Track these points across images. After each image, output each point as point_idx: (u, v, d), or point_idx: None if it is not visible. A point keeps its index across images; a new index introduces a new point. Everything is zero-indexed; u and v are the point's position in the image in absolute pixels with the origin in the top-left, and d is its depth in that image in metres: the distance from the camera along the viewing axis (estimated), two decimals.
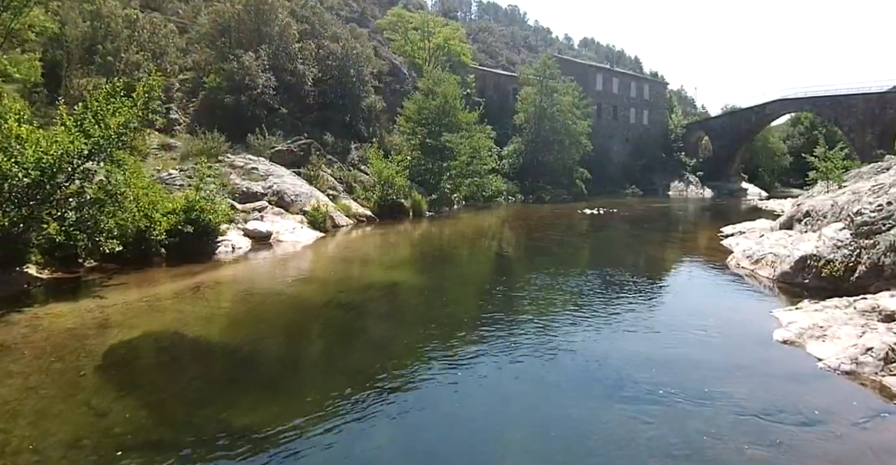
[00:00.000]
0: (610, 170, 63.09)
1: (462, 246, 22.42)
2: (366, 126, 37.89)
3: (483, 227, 29.25)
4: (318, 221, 22.38)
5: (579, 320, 10.72)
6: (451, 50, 52.32)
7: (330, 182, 27.89)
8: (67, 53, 27.11)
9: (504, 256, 20.78)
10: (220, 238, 18.34)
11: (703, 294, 13.64)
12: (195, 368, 8.61)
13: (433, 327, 10.39)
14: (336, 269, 16.13)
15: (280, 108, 32.25)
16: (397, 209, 29.22)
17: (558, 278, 14.95)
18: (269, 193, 23.61)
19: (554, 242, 23.63)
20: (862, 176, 30.39)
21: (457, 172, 35.42)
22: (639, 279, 15.22)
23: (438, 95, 35.59)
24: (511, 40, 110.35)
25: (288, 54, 34.06)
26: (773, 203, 45.24)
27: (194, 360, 8.96)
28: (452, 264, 18.06)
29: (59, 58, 26.92)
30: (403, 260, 18.35)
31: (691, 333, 9.87)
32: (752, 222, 25.07)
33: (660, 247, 22.81)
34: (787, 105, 64.95)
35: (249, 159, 26.63)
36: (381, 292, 13.36)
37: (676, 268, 18.05)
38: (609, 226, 29.61)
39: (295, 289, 13.33)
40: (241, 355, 9.01)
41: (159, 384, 7.90)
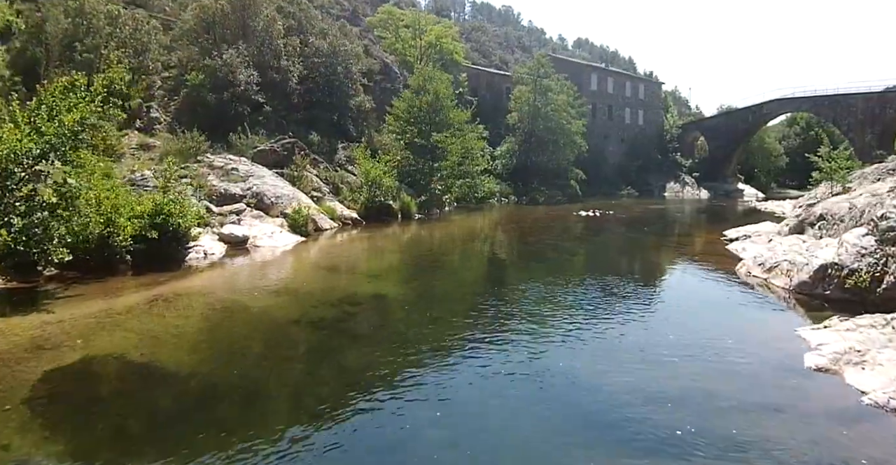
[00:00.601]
0: (605, 170, 62.02)
1: (451, 252, 21.09)
2: (354, 125, 36.63)
3: (474, 230, 28.02)
4: (299, 224, 21.09)
5: (580, 345, 9.45)
6: (443, 48, 51.06)
7: (314, 183, 26.63)
8: (47, 50, 26.12)
9: (496, 263, 19.44)
10: (191, 244, 17.12)
11: (715, 309, 12.30)
12: (135, 402, 7.34)
13: (414, 351, 9.05)
14: (313, 278, 14.82)
15: (264, 106, 30.97)
16: (385, 211, 27.97)
17: (554, 290, 13.73)
18: (249, 196, 22.34)
19: (549, 247, 22.30)
20: (867, 177, 29.38)
21: (448, 172, 34.19)
22: (643, 291, 14.02)
23: (429, 92, 34.29)
24: (505, 40, 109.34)
25: (273, 51, 32.77)
26: (771, 205, 44.19)
27: (136, 391, 7.69)
28: (440, 273, 16.63)
29: (40, 55, 25.86)
30: (387, 268, 17.01)
31: (709, 358, 8.62)
32: (755, 225, 23.93)
33: (661, 252, 21.60)
34: (784, 105, 63.92)
35: (230, 160, 25.39)
36: (359, 306, 12.02)
37: (682, 277, 16.73)
38: (606, 229, 28.41)
39: (264, 302, 12.02)
40: (190, 385, 7.76)
41: (93, 423, 6.69)
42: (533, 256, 20.21)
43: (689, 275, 16.74)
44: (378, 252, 20.46)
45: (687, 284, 15.53)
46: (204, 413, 7.00)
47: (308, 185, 25.67)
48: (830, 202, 16.96)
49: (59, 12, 26.59)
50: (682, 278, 16.54)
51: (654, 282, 15.69)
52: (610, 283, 14.58)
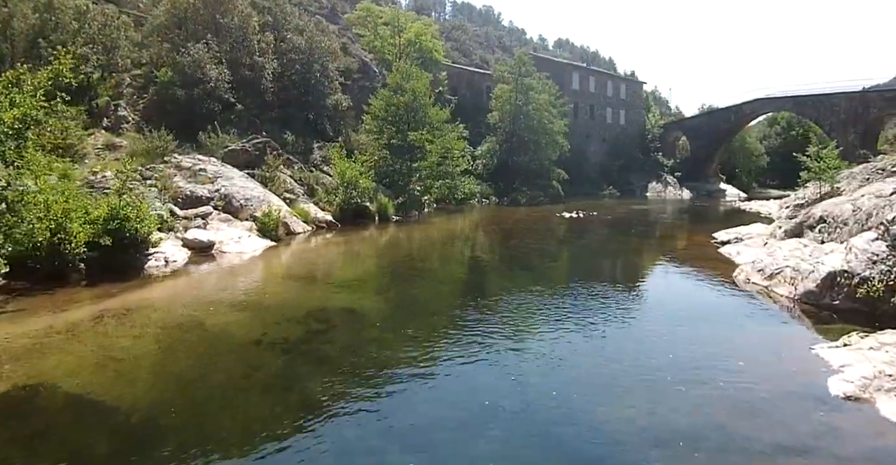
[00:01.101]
0: (587, 170, 61.24)
1: (429, 257, 19.89)
2: (331, 125, 35.48)
3: (454, 233, 26.88)
4: (269, 228, 19.90)
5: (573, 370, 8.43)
6: (422, 46, 49.97)
7: (288, 185, 25.45)
8: (12, 46, 25.08)
9: (477, 270, 18.15)
10: (152, 250, 15.97)
11: (717, 322, 11.20)
12: (60, 444, 6.24)
13: (387, 380, 7.94)
14: (279, 289, 13.60)
15: (236, 104, 29.74)
16: (361, 214, 26.86)
17: (540, 302, 12.63)
18: (216, 198, 21.15)
19: (533, 251, 21.24)
20: (855, 177, 28.73)
21: (427, 173, 33.11)
22: (637, 302, 13.02)
23: (407, 91, 33.16)
24: (485, 40, 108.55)
25: (246, 47, 31.52)
26: (755, 205, 43.59)
27: (64, 431, 6.58)
28: (417, 282, 15.35)
29: (6, 51, 24.84)
30: (360, 277, 15.76)
31: (719, 384, 7.61)
32: (746, 227, 23.13)
33: (652, 257, 20.58)
34: (766, 104, 63.43)
35: (198, 160, 24.18)
36: (328, 322, 10.85)
37: (677, 285, 15.54)
38: (591, 231, 27.46)
39: (223, 318, 10.82)
40: (130, 423, 6.65)
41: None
42: (516, 261, 19.05)
43: (685, 283, 15.63)
44: (352, 258, 19.24)
45: (683, 293, 14.40)
46: (142, 458, 5.91)
47: (281, 186, 24.51)
48: (830, 204, 16.10)
49: (28, 7, 25.54)
50: (678, 286, 15.38)
51: (647, 291, 14.61)
52: (600, 292, 13.58)
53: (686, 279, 15.96)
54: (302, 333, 10.00)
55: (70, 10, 26.41)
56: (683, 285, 15.20)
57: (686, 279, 15.96)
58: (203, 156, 24.89)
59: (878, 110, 52.87)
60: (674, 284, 15.63)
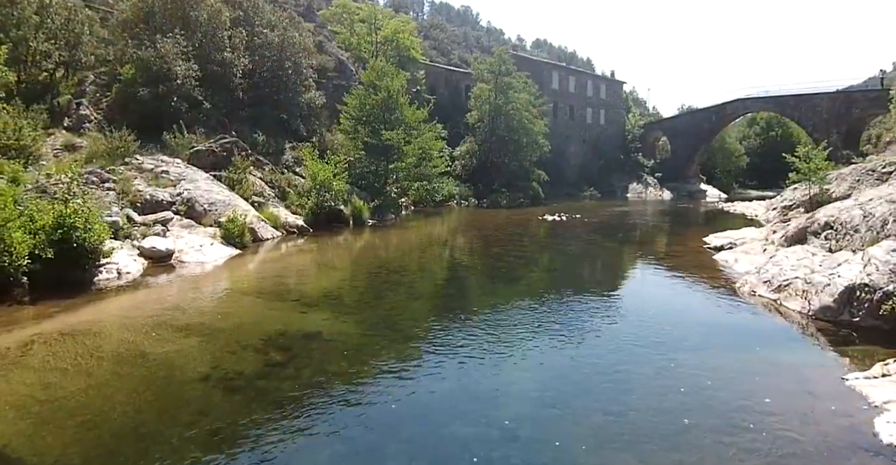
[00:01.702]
0: (567, 172, 60.36)
1: (405, 268, 18.21)
2: (305, 124, 34.09)
3: (431, 239, 25.41)
4: (234, 235, 18.50)
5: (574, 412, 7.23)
6: (399, 44, 48.57)
7: (257, 187, 24.07)
8: None
9: (458, 284, 16.39)
10: (104, 261, 14.60)
11: (729, 345, 9.96)
12: None
13: (352, 433, 6.65)
14: (237, 307, 12.17)
15: (204, 102, 28.26)
16: (335, 217, 25.56)
17: (529, 322, 11.30)
18: (178, 202, 19.77)
19: (516, 260, 19.80)
20: (845, 178, 27.94)
21: (404, 174, 31.88)
22: (635, 320, 11.60)
23: (382, 89, 31.86)
24: (464, 40, 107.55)
25: (215, 43, 30.04)
26: (739, 206, 42.83)
27: None
28: (392, 298, 13.66)
29: None
30: (328, 292, 14.02)
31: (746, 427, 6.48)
32: (737, 232, 22.19)
33: (645, 267, 19.26)
34: (748, 104, 62.87)
35: (162, 161, 22.81)
36: (288, 351, 9.34)
37: (678, 301, 13.76)
38: (576, 237, 26.27)
39: (168, 345, 9.44)
40: None
41: None
42: (500, 273, 17.45)
43: (686, 297, 14.11)
44: (321, 269, 17.65)
45: (686, 310, 12.86)
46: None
47: (249, 189, 23.13)
48: (835, 208, 15.06)
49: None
50: (679, 301, 13.69)
51: (647, 309, 12.92)
52: (595, 311, 12.32)
53: (686, 293, 14.53)
54: (259, 365, 8.63)
55: (33, 3, 24.89)
56: (685, 301, 13.68)
57: (686, 293, 14.53)
58: (167, 157, 23.53)
59: (861, 111, 52.42)
60: (674, 299, 14.07)
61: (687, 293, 14.36)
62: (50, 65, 25.59)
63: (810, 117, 55.41)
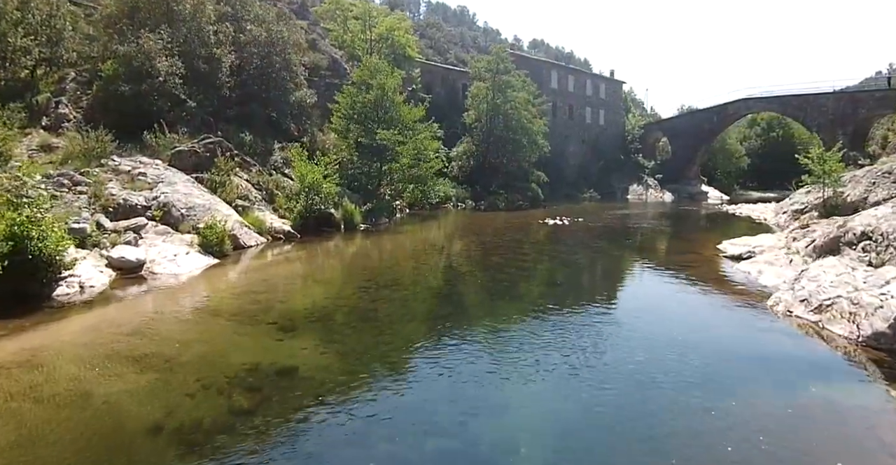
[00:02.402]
0: (566, 173, 59.09)
1: (397, 282, 16.03)
2: (295, 124, 32.74)
3: (426, 246, 23.66)
4: (213, 243, 17.06)
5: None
6: (395, 41, 47.11)
7: (241, 190, 22.67)
8: None
9: (454, 301, 14.25)
10: (66, 273, 13.23)
11: (773, 382, 8.29)
12: None
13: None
14: (203, 333, 10.60)
15: (188, 100, 26.86)
16: (325, 222, 24.18)
17: (535, 353, 9.57)
18: (154, 206, 18.37)
19: (518, 272, 17.97)
20: (860, 181, 26.80)
21: (398, 176, 30.51)
22: (660, 350, 9.79)
23: (375, 86, 30.46)
24: (460, 40, 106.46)
25: (201, 38, 28.64)
26: (745, 209, 41.53)
27: None
28: (379, 321, 11.72)
29: None
30: (309, 312, 12.14)
31: None
32: (753, 238, 20.85)
33: (659, 278, 17.33)
34: (751, 104, 61.56)
35: (140, 163, 21.46)
36: (258, 393, 7.71)
37: (703, 320, 12.10)
38: (580, 242, 24.78)
39: (119, 384, 7.92)
40: None
41: None
42: (501, 287, 15.57)
43: (712, 317, 12.23)
44: (304, 283, 15.96)
45: (714, 333, 11.02)
46: None
47: (232, 192, 21.73)
48: (871, 216, 13.64)
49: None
50: (704, 322, 11.93)
51: (668, 332, 10.89)
52: (609, 335, 10.69)
53: (713, 313, 12.60)
54: (221, 412, 7.13)
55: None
56: (713, 324, 11.79)
57: (713, 313, 12.60)
58: (147, 158, 22.21)
59: (867, 111, 51.22)
60: (699, 320, 12.18)
61: (713, 314, 12.54)
62: (30, 62, 24.41)
63: (815, 118, 54.14)
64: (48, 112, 24.42)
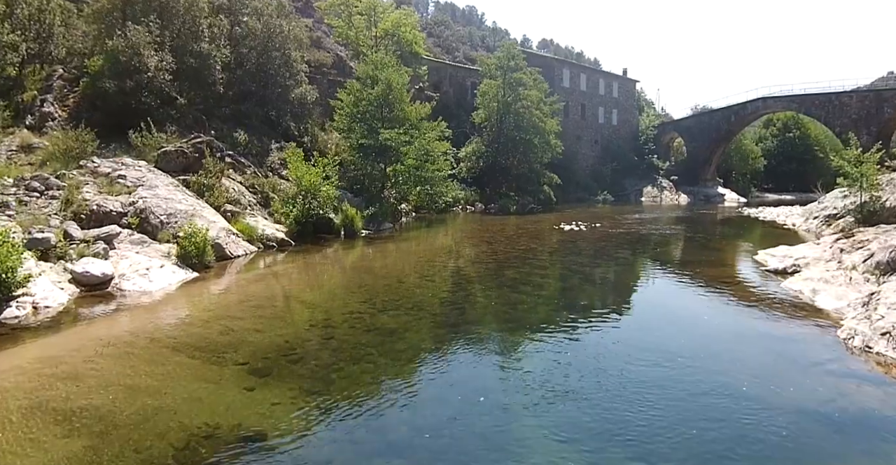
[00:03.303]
0: (578, 175, 57.16)
1: (396, 305, 12.96)
2: (295, 123, 30.98)
3: (432, 257, 20.98)
4: (192, 254, 15.16)
5: None
6: (401, 38, 45.30)
7: (231, 194, 20.86)
8: None
9: (463, 334, 11.00)
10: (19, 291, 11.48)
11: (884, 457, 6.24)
12: None
13: None
14: (156, 377, 8.32)
15: (178, 97, 25.14)
16: (323, 228, 22.36)
17: (565, 415, 7.29)
18: (130, 213, 16.57)
19: (537, 291, 15.14)
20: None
21: (404, 178, 28.65)
22: (723, 401, 7.62)
23: (380, 82, 28.62)
24: (469, 40, 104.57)
25: (193, 32, 26.90)
26: (768, 213, 39.48)
27: None
28: (372, 362, 9.02)
29: None
30: (288, 348, 9.58)
31: None
32: (792, 248, 18.86)
33: (701, 299, 14.30)
34: (770, 104, 59.25)
35: (122, 164, 19.75)
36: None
37: (770, 362, 9.24)
38: (602, 252, 22.50)
39: (31, 458, 5.93)
40: None
41: None
42: (518, 314, 12.64)
43: (777, 358, 9.45)
44: (288, 305, 13.49)
45: (789, 380, 8.29)
46: None
47: (221, 196, 19.91)
48: None
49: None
50: (771, 365, 9.05)
51: (729, 377, 8.41)
52: (657, 379, 8.41)
53: (776, 351, 9.76)
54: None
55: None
56: (779, 368, 8.91)
57: (776, 351, 9.76)
58: (131, 159, 20.50)
59: (893, 110, 49.01)
60: (766, 364, 9.19)
61: (777, 354, 9.71)
62: (17, 58, 23.20)
63: (838, 117, 51.98)
64: (33, 111, 22.94)
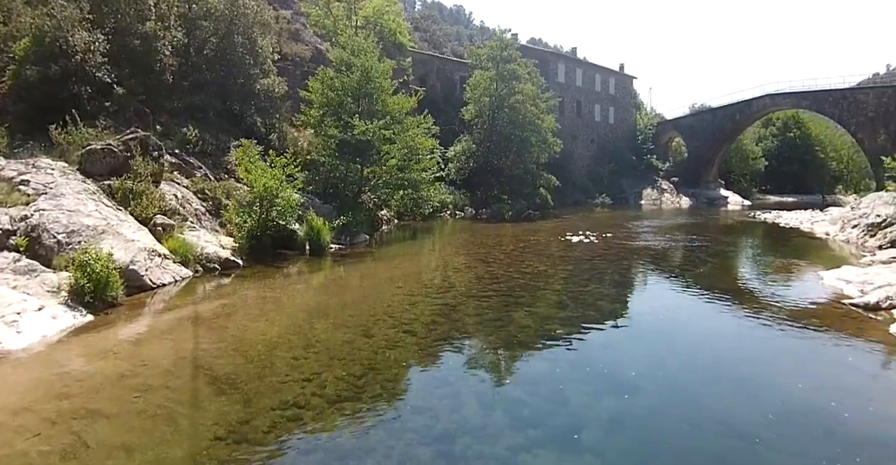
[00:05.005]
0: (574, 176, 53.46)
1: (355, 391, 7.89)
2: (262, 118, 27.06)
3: (414, 286, 14.98)
4: (88, 289, 11.11)
5: None
6: (384, 26, 41.38)
7: (169, 202, 16.84)
8: None
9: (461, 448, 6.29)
10: None
11: None
12: None
13: None
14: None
15: (115, 86, 21.17)
16: (285, 242, 18.50)
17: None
18: (21, 231, 12.62)
19: (566, 350, 9.91)
20: None
21: (384, 180, 24.72)
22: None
23: (356, 68, 24.62)
24: (456, 39, 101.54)
25: (138, 11, 22.94)
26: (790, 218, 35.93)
27: None
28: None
29: None
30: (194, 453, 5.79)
31: None
32: (863, 270, 15.24)
33: (819, 362, 9.53)
34: (778, 101, 55.55)
35: (33, 167, 15.78)
36: None
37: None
38: (628, 275, 18.00)
39: None
40: None
41: None
42: (539, 398, 7.91)
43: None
44: (196, 384, 8.17)
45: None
46: None
47: (152, 205, 15.87)
48: None
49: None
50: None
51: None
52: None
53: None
54: None
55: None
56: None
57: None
58: (51, 160, 16.57)
59: None
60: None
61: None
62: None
63: (853, 115, 48.51)
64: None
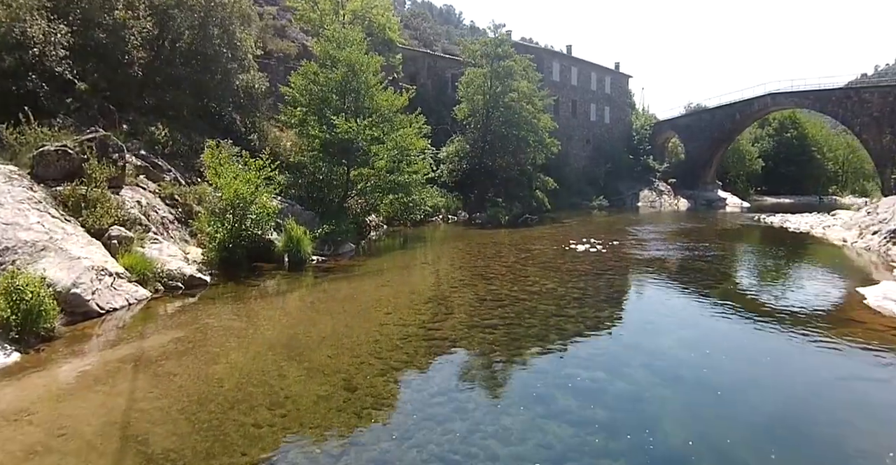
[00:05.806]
0: (570, 177, 51.70)
1: (341, 445, 6.27)
2: (241, 117, 25.24)
3: (405, 313, 12.29)
4: (14, 321, 9.20)
5: None
6: (372, 21, 39.49)
7: (129, 210, 14.94)
8: None
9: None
10: None
11: None
12: None
13: None
14: None
15: (76, 82, 19.29)
16: (260, 254, 16.67)
17: None
18: None
19: (584, 390, 7.93)
20: None
21: (372, 184, 22.87)
22: None
23: (341, 62, 22.74)
24: (447, 38, 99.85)
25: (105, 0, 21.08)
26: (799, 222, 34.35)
27: None
28: None
29: None
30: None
31: None
32: None
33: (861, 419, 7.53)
34: (780, 100, 53.96)
35: None
36: None
37: None
38: (651, 293, 15.82)
39: None
40: None
41: None
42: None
43: None
44: (141, 449, 6.08)
45: None
46: None
47: (108, 215, 13.96)
48: None
49: None
50: None
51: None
52: None
53: None
54: None
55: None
56: None
57: None
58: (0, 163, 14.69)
59: None
60: None
61: None
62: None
63: (858, 115, 47.07)
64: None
